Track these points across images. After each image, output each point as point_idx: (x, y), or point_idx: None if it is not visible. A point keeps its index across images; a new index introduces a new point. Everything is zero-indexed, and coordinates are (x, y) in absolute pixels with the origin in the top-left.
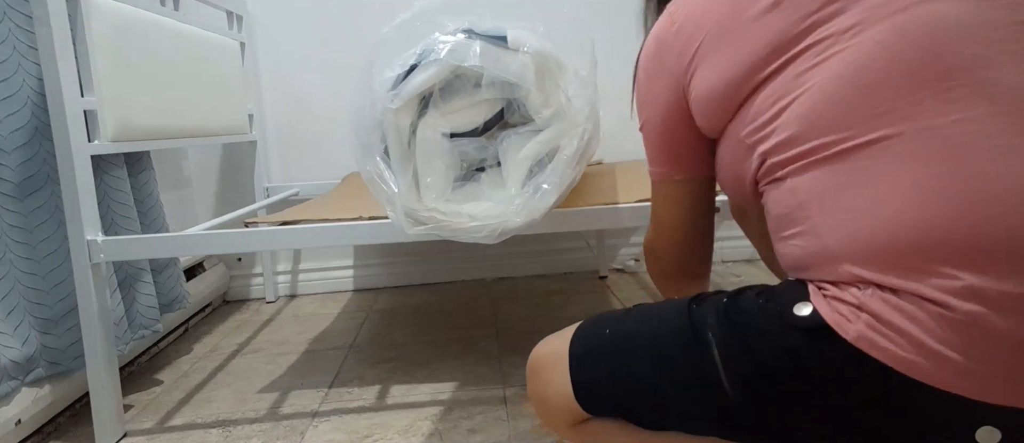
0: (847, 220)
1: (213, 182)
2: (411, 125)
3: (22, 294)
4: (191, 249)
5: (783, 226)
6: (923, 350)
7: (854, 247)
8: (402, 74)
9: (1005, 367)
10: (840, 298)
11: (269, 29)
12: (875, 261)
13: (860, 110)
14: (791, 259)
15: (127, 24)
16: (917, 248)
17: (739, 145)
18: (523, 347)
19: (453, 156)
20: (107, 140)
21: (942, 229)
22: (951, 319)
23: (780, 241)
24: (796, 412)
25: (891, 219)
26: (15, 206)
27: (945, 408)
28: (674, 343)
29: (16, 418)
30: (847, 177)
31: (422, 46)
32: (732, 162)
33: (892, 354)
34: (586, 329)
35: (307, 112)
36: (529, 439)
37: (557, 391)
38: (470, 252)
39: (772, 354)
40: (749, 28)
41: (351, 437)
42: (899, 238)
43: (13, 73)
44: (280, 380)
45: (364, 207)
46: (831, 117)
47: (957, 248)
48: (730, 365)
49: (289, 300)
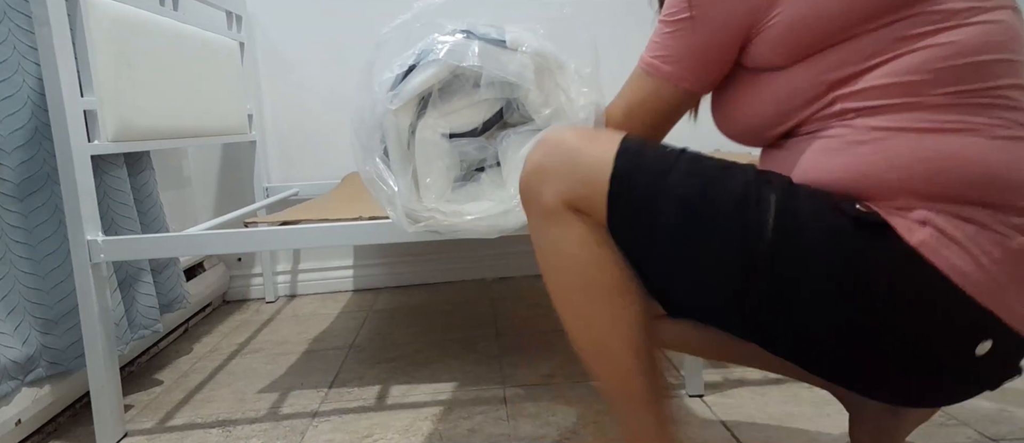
0: (927, 153)
1: (213, 182)
2: (410, 126)
3: (22, 294)
4: (191, 249)
5: (833, 153)
6: (978, 265)
7: (930, 178)
8: (401, 75)
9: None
10: (904, 213)
11: (269, 29)
12: (947, 190)
13: (965, 80)
14: (837, 179)
15: (127, 24)
16: (984, 184)
17: (810, 79)
18: (523, 347)
19: (453, 156)
20: (107, 140)
21: (1006, 171)
22: (1006, 246)
23: (825, 160)
24: (817, 288)
25: (968, 159)
26: (15, 206)
27: (971, 315)
28: (728, 190)
29: (16, 418)
30: (933, 123)
31: (421, 47)
32: (789, 93)
33: (950, 263)
34: (638, 137)
35: (307, 112)
36: (529, 439)
37: (588, 165)
38: (470, 252)
39: (823, 223)
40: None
41: (351, 437)
42: (975, 174)
43: (13, 73)
44: (280, 380)
45: (364, 207)
46: (932, 79)
47: (1017, 187)
48: (780, 224)
49: (289, 300)
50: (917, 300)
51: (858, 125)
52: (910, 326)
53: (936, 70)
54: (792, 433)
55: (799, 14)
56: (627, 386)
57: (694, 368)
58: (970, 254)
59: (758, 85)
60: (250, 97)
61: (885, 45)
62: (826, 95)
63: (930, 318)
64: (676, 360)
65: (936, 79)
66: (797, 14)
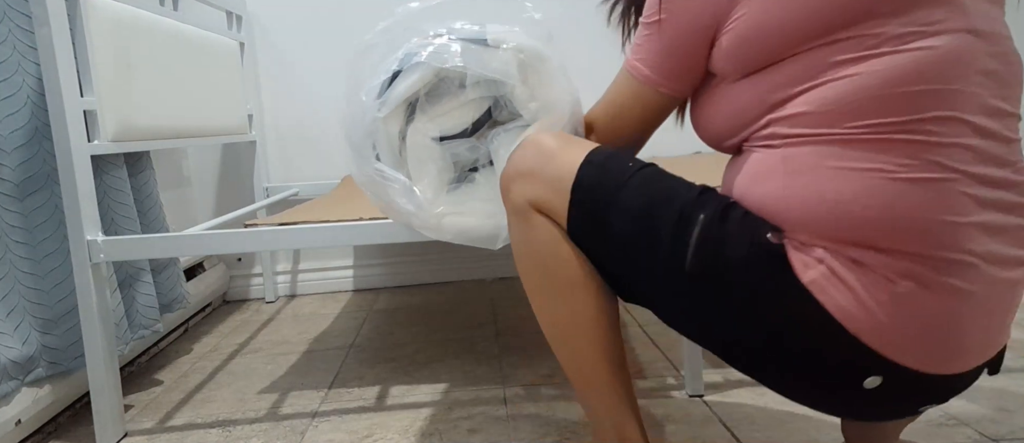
0: (827, 194)
1: (213, 182)
2: (400, 132)
3: (22, 294)
4: (191, 249)
5: (759, 179)
6: (864, 307)
7: (827, 219)
8: (387, 81)
9: (911, 335)
10: (805, 249)
11: (269, 29)
12: (839, 232)
13: (888, 109)
14: (759, 206)
15: (127, 24)
16: (877, 228)
17: (754, 98)
18: (523, 347)
19: (445, 159)
20: (107, 140)
21: (900, 215)
22: (890, 289)
23: (752, 185)
24: (728, 304)
25: (863, 202)
26: (15, 206)
27: (856, 352)
28: (670, 207)
29: (16, 418)
30: (840, 160)
31: (404, 51)
32: (737, 109)
33: (836, 302)
34: (605, 150)
35: (307, 112)
36: (529, 439)
37: (555, 172)
38: (470, 252)
39: (737, 249)
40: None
41: (351, 437)
42: (868, 217)
43: (13, 73)
44: (280, 380)
45: (364, 207)
46: (850, 111)
47: (908, 232)
48: (701, 245)
49: (289, 300)
50: (807, 334)
51: (778, 154)
52: (804, 356)
53: (855, 102)
54: (792, 432)
55: (750, 24)
56: (588, 375)
57: (694, 368)
58: (857, 296)
59: (715, 95)
60: (250, 97)
61: (817, 70)
62: (763, 116)
63: (819, 351)
64: (676, 360)
65: (852, 111)
66: (748, 24)
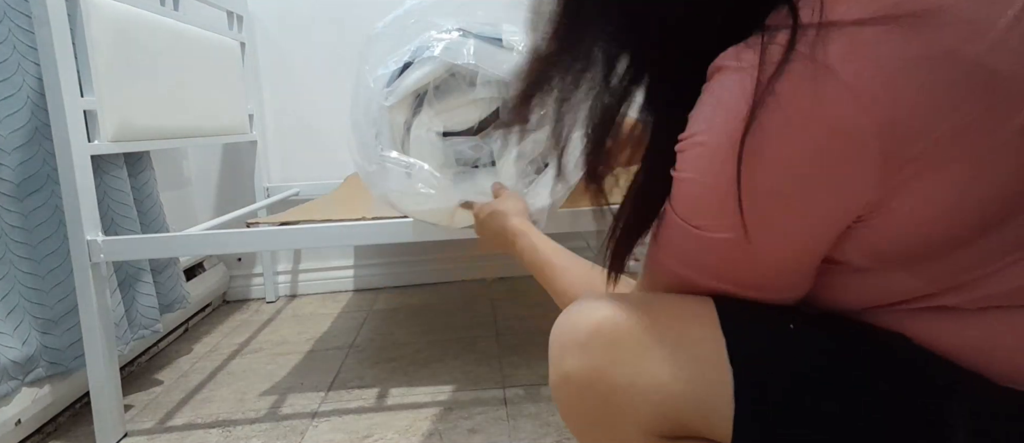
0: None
1: (213, 182)
2: (405, 123)
3: (22, 294)
4: (191, 249)
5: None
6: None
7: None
8: (397, 71)
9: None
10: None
11: (269, 29)
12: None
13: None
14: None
15: (127, 24)
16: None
17: (912, 285)
18: (523, 347)
19: (447, 155)
20: (107, 140)
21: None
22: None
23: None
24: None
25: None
26: (15, 206)
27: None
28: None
29: (16, 418)
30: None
31: (416, 43)
32: (876, 294)
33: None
34: (743, 314)
35: (307, 112)
36: (529, 439)
37: (672, 381)
38: (470, 252)
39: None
40: (1013, 141)
41: (351, 437)
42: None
43: (13, 73)
44: (280, 380)
45: (364, 208)
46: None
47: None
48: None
49: (289, 300)
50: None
51: (993, 319)
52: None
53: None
54: None
55: (936, 192)
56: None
57: None
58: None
59: (837, 278)
60: (251, 97)
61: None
62: (926, 297)
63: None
64: None
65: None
66: (933, 192)
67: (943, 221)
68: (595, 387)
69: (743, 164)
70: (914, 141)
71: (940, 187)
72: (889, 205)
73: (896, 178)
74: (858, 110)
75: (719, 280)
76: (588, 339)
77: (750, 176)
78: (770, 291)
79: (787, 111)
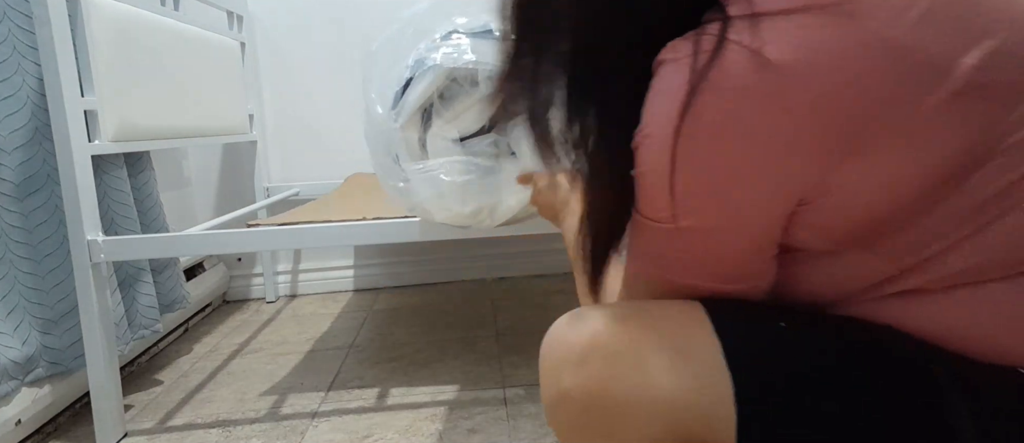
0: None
1: (213, 182)
2: (419, 139)
3: (22, 294)
4: (191, 249)
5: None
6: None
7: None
8: (400, 90)
9: None
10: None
11: (269, 29)
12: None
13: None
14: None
15: (127, 24)
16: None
17: (870, 268)
18: (523, 347)
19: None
20: (107, 140)
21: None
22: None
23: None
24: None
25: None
26: (15, 206)
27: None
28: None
29: (16, 418)
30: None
31: (414, 58)
32: (841, 280)
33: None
34: (734, 315)
35: (307, 112)
36: (529, 439)
37: (675, 391)
38: (470, 252)
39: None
40: (933, 122)
41: (351, 437)
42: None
43: (13, 73)
44: (280, 380)
45: (366, 208)
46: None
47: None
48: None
49: (289, 300)
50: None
51: (960, 297)
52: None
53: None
54: None
55: (874, 171)
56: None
57: None
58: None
59: (798, 264)
60: (251, 97)
61: (969, 212)
62: (889, 281)
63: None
64: None
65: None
66: (872, 171)
67: (885, 196)
68: (597, 403)
69: (681, 149)
70: (845, 120)
71: (876, 163)
72: (829, 184)
73: (832, 157)
74: (790, 92)
75: (691, 274)
76: (584, 354)
77: (688, 161)
78: (739, 281)
79: (720, 96)
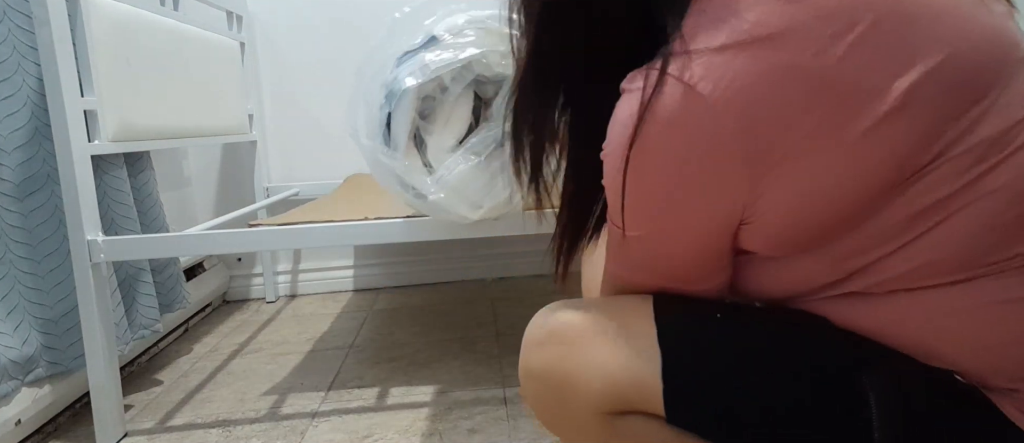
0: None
1: (213, 182)
2: (424, 164)
3: (22, 294)
4: (191, 249)
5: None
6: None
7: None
8: (385, 130)
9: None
10: (1012, 395)
11: (269, 29)
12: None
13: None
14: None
15: (127, 24)
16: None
17: (819, 270)
18: None
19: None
20: (107, 140)
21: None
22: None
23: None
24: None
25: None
26: (15, 206)
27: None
28: (818, 379)
29: (16, 418)
30: (1004, 293)
31: (386, 91)
32: (792, 282)
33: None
34: (675, 307)
35: (307, 112)
36: (529, 439)
37: (612, 366)
38: (470, 252)
39: (943, 421)
40: (861, 143)
41: (351, 437)
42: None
43: (13, 73)
44: (280, 380)
45: (366, 208)
46: (988, 246)
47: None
48: (886, 428)
49: (289, 300)
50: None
51: (898, 302)
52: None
53: (988, 234)
54: None
55: (799, 182)
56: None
57: None
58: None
59: (753, 269)
60: (251, 97)
61: (908, 220)
62: (839, 282)
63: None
64: None
65: (991, 246)
66: (798, 183)
67: (816, 211)
68: (551, 377)
69: (630, 173)
70: (772, 142)
71: (802, 181)
72: (763, 200)
73: (763, 177)
74: (716, 118)
75: (652, 276)
76: (545, 338)
77: (634, 183)
78: (693, 282)
79: (659, 125)
